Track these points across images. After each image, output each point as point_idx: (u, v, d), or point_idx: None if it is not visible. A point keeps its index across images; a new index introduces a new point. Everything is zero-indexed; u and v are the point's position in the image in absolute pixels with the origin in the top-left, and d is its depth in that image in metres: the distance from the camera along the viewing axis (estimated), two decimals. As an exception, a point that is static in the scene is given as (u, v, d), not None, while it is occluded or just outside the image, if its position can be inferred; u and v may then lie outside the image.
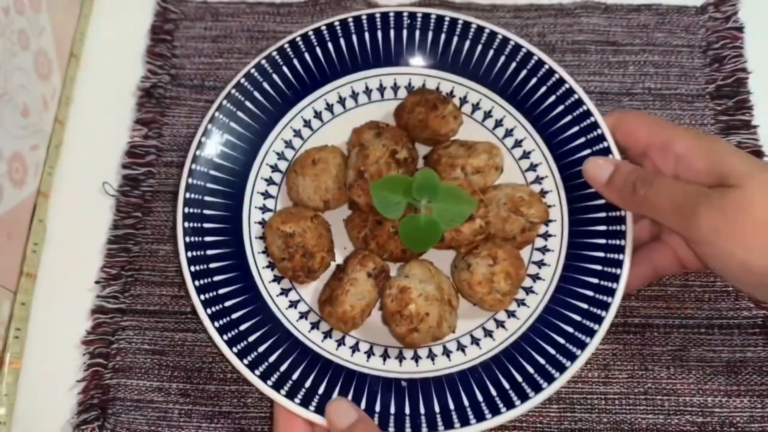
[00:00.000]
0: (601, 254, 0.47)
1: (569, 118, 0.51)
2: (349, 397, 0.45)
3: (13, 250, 0.53)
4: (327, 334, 0.48)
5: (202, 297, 0.46)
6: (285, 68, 0.53)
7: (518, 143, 0.53)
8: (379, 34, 0.54)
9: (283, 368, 0.45)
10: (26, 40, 0.55)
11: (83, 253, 0.55)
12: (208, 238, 0.49)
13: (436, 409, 0.44)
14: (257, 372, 0.44)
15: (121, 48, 0.63)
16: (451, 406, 0.44)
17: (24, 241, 0.54)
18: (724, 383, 0.49)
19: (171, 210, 0.56)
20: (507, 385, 0.45)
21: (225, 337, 0.45)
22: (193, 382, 0.50)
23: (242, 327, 0.46)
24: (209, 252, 0.48)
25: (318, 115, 0.54)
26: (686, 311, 0.51)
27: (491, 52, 0.53)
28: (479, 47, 0.53)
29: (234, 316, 0.47)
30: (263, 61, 0.53)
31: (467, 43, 0.54)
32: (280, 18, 0.63)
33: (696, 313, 0.51)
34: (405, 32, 0.54)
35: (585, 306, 0.46)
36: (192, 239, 0.48)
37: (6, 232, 0.52)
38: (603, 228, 0.48)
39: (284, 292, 0.50)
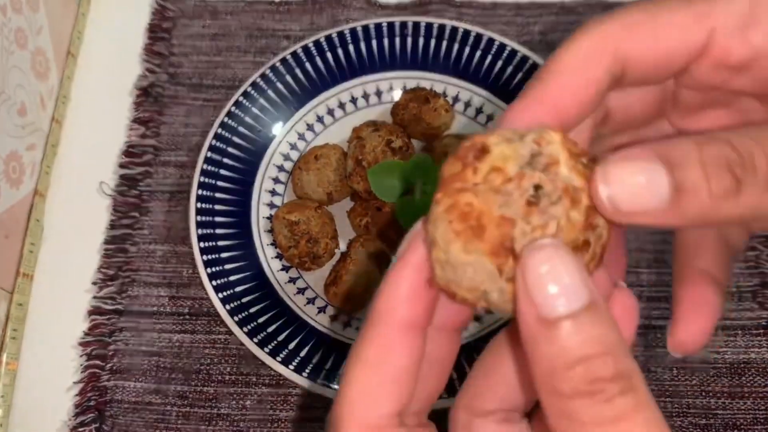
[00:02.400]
0: None
1: None
2: None
3: (10, 250, 0.53)
4: (334, 317, 0.51)
5: (214, 283, 0.49)
6: (288, 77, 0.57)
7: None
8: (374, 43, 0.58)
9: (291, 346, 0.48)
10: (24, 39, 0.54)
11: (80, 254, 0.55)
12: (219, 231, 0.52)
13: None
14: (266, 349, 0.47)
15: (119, 46, 0.63)
16: (454, 375, 0.46)
17: (21, 241, 0.54)
18: (728, 385, 0.49)
19: (169, 210, 0.56)
20: None
21: (236, 318, 0.48)
22: (191, 384, 0.50)
23: (252, 310, 0.50)
24: (221, 243, 0.52)
25: (320, 119, 0.58)
26: (689, 312, 0.51)
27: (478, 52, 0.57)
28: (467, 49, 0.57)
29: (245, 300, 0.50)
30: (268, 71, 0.57)
31: (456, 46, 0.58)
32: (279, 16, 0.63)
33: (699, 314, 0.51)
34: (398, 40, 0.58)
35: None
36: (204, 232, 0.51)
37: (3, 232, 0.52)
38: None
39: (292, 280, 0.52)
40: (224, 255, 0.51)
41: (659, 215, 0.21)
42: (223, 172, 0.54)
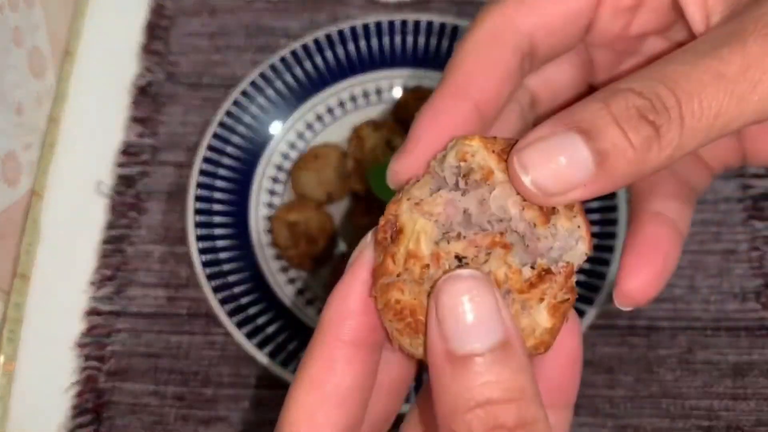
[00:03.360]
0: (598, 216, 0.50)
1: None
2: None
3: (6, 250, 0.52)
4: None
5: (213, 284, 0.49)
6: (287, 75, 0.57)
7: None
8: (374, 41, 0.57)
9: (290, 348, 0.48)
10: (20, 37, 0.54)
11: (78, 254, 0.54)
12: (217, 231, 0.52)
13: None
14: (265, 351, 0.47)
15: (117, 45, 0.62)
16: None
17: (17, 241, 0.54)
18: (731, 386, 0.48)
19: (167, 210, 0.56)
20: None
21: (234, 320, 0.48)
22: (190, 385, 0.50)
23: (251, 311, 0.49)
24: (219, 243, 0.51)
25: (320, 118, 0.57)
26: (693, 313, 0.50)
27: None
28: None
29: (243, 301, 0.50)
30: (267, 70, 0.56)
31: (457, 44, 0.55)
32: (278, 14, 0.63)
33: (702, 315, 0.50)
34: (398, 38, 0.57)
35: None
36: (202, 232, 0.51)
37: (-1, 232, 0.51)
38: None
39: (292, 281, 0.52)
40: (223, 255, 0.51)
41: (590, 186, 0.20)
42: (221, 171, 0.54)
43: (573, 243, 0.22)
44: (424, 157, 0.23)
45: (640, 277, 0.25)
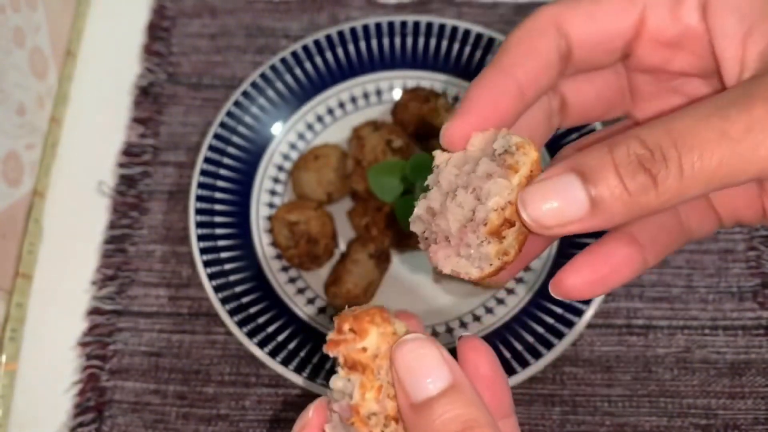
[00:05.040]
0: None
1: None
2: None
3: (9, 250, 0.53)
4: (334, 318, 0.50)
5: (214, 283, 0.49)
6: (288, 76, 0.57)
7: None
8: (374, 42, 0.58)
9: (291, 346, 0.48)
10: (22, 38, 0.54)
11: (79, 254, 0.55)
12: (218, 231, 0.52)
13: None
14: (266, 350, 0.47)
15: (118, 45, 0.62)
16: None
17: (19, 241, 0.54)
18: (729, 385, 0.49)
19: (168, 210, 0.56)
20: (508, 355, 0.47)
21: (235, 319, 0.48)
22: (191, 384, 0.50)
23: (251, 310, 0.50)
24: (220, 243, 0.52)
25: (320, 118, 0.58)
26: (690, 312, 0.51)
27: (478, 51, 0.57)
28: (467, 48, 0.57)
29: (244, 300, 0.50)
30: (267, 70, 0.56)
31: (456, 45, 0.57)
32: (278, 15, 0.63)
33: (700, 314, 0.51)
34: (398, 39, 0.58)
35: None
36: (203, 232, 0.51)
37: (1, 232, 0.51)
38: None
39: (292, 280, 0.52)
40: (224, 255, 0.51)
41: (586, 221, 0.22)
42: (222, 171, 0.54)
43: (488, 254, 0.25)
44: (475, 121, 0.25)
45: (577, 276, 0.26)
